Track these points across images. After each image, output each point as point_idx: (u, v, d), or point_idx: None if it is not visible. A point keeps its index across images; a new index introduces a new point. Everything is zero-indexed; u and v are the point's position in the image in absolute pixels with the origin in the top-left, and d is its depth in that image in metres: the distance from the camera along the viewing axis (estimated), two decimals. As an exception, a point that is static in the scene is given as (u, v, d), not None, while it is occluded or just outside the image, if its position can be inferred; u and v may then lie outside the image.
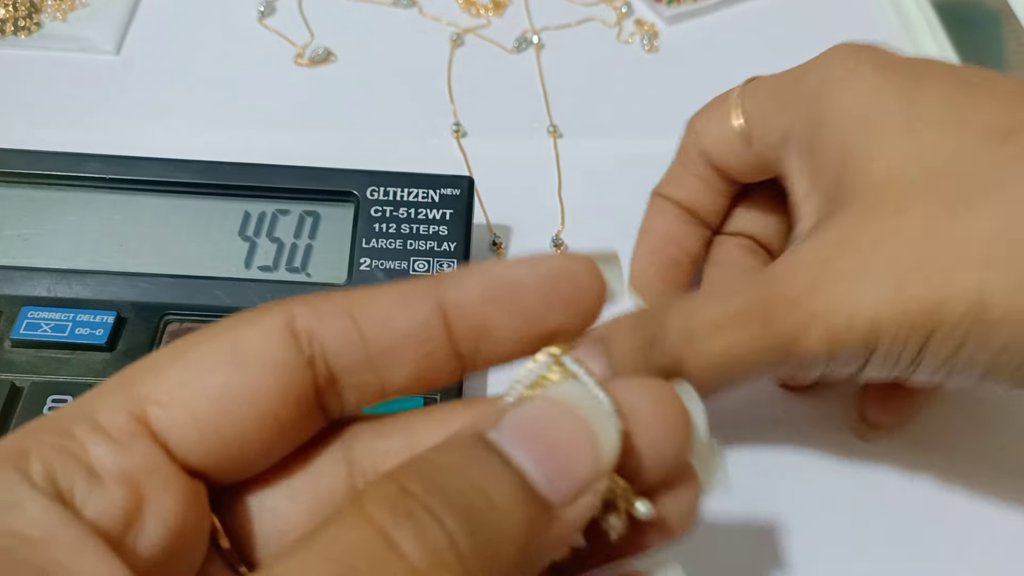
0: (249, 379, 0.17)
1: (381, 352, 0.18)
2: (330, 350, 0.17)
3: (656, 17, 0.45)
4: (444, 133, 0.40)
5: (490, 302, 0.18)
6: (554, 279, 0.18)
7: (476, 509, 0.15)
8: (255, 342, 0.17)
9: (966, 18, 0.46)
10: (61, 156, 0.32)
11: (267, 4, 0.44)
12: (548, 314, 0.18)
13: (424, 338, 0.18)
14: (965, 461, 0.30)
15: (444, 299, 0.18)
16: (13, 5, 0.42)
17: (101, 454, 0.16)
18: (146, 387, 0.16)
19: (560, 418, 0.16)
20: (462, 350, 0.18)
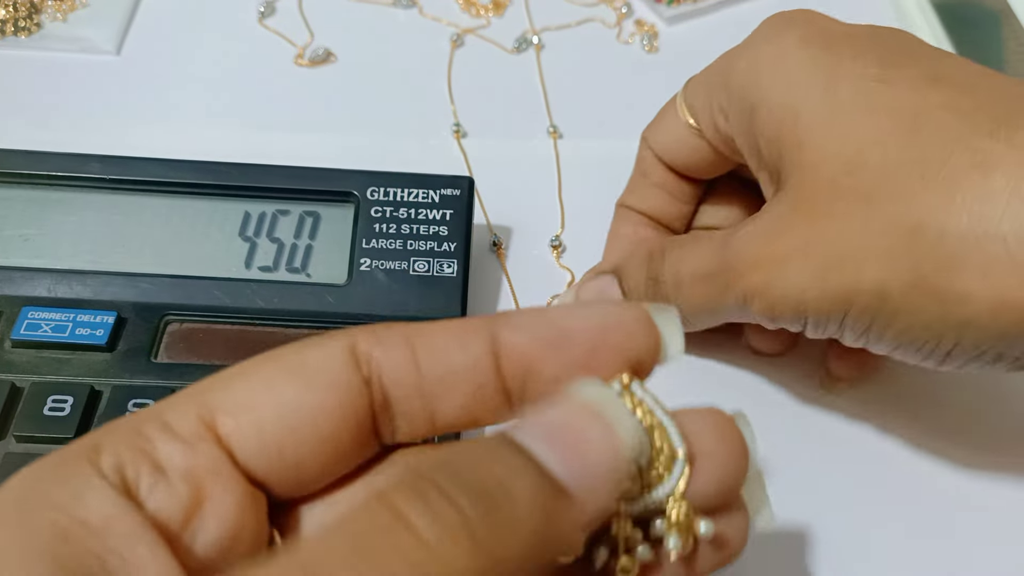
0: (313, 397, 0.18)
1: (435, 381, 0.18)
2: (387, 375, 0.18)
3: (656, 17, 0.45)
4: (444, 133, 0.40)
5: (540, 346, 0.18)
6: (605, 329, 0.18)
7: (491, 492, 0.15)
8: (320, 361, 0.18)
9: (966, 18, 0.46)
10: (61, 156, 0.32)
11: (267, 4, 0.44)
12: (594, 362, 0.18)
13: (476, 372, 0.18)
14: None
15: (497, 338, 0.18)
16: (13, 6, 0.42)
17: (168, 451, 0.17)
18: (215, 397, 0.18)
19: (578, 413, 0.17)
20: (510, 387, 0.19)
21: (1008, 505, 0.30)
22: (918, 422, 0.31)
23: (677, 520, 0.18)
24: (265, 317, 0.30)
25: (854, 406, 0.32)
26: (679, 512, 0.18)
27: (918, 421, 0.31)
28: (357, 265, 0.31)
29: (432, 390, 0.18)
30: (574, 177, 0.38)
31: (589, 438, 0.16)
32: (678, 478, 0.18)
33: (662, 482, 0.18)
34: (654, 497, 0.18)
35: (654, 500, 0.18)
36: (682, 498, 0.18)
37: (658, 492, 0.18)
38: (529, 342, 0.18)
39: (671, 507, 0.18)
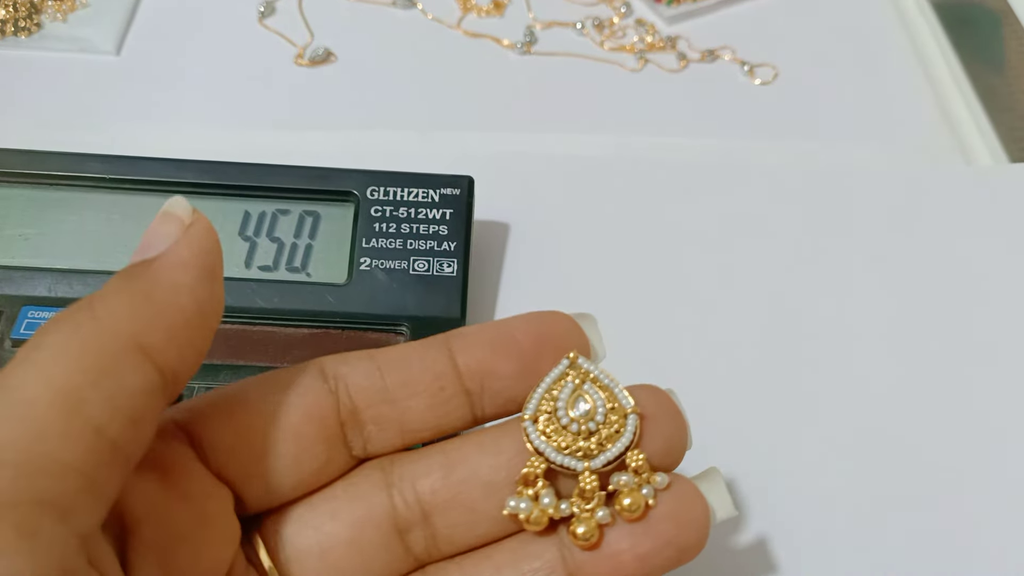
0: (277, 396, 0.20)
1: (398, 385, 0.20)
2: (352, 383, 0.20)
3: (656, 17, 0.45)
4: (444, 133, 0.40)
5: (490, 347, 0.21)
6: (542, 328, 0.21)
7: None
8: (287, 374, 0.20)
9: (966, 18, 0.46)
10: (62, 156, 0.32)
11: (267, 4, 0.44)
12: (540, 357, 0.21)
13: (435, 372, 0.20)
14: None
15: (452, 345, 0.21)
16: (13, 6, 0.42)
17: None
18: (190, 406, 0.20)
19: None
20: (469, 386, 0.21)
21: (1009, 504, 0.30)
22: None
23: (637, 466, 0.20)
24: (265, 316, 0.30)
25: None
26: (637, 460, 0.20)
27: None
28: (357, 264, 0.31)
29: (396, 393, 0.20)
30: (574, 176, 0.38)
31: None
32: (633, 431, 0.20)
33: (620, 438, 0.20)
34: (613, 451, 0.20)
35: (613, 454, 0.20)
36: (638, 447, 0.20)
37: (617, 445, 0.20)
38: (480, 345, 0.21)
39: (630, 457, 0.20)
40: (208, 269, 0.18)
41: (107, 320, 0.16)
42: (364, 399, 0.20)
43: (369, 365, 0.20)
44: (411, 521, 0.20)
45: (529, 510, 0.20)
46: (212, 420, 0.19)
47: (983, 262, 0.36)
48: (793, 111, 0.42)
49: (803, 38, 0.45)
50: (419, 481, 0.20)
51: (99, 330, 0.16)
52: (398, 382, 0.20)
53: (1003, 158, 0.40)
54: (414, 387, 0.20)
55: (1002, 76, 0.44)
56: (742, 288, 0.35)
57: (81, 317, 0.16)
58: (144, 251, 0.18)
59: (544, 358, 0.21)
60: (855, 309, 0.34)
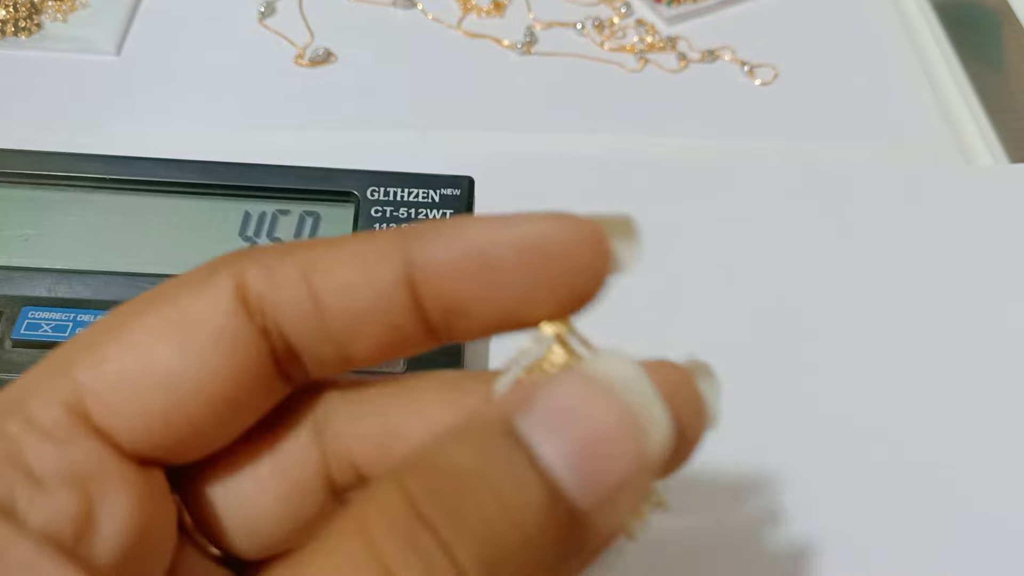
0: (198, 360, 0.15)
1: (342, 325, 0.15)
2: (285, 321, 0.15)
3: (656, 17, 0.45)
4: (444, 133, 0.40)
5: (463, 276, 0.15)
6: (543, 253, 0.15)
7: (498, 537, 0.12)
8: (203, 313, 0.15)
9: (966, 18, 0.46)
10: (62, 156, 0.32)
11: (267, 5, 0.44)
12: (532, 296, 0.15)
13: (388, 311, 0.15)
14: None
15: (412, 266, 0.15)
16: (14, 6, 0.42)
17: (41, 456, 0.14)
18: (83, 372, 0.14)
19: (603, 407, 0.13)
20: (433, 323, 0.15)
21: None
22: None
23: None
24: (265, 317, 0.30)
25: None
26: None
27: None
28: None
29: (339, 332, 0.15)
30: (574, 175, 0.38)
31: (614, 449, 0.13)
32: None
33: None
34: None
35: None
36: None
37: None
38: (449, 274, 0.15)
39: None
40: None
41: None
42: (301, 338, 0.15)
43: (304, 292, 0.15)
44: (348, 485, 0.17)
45: None
46: (115, 400, 0.15)
47: (983, 262, 0.36)
48: (793, 111, 0.42)
49: (803, 38, 0.45)
50: (356, 448, 0.16)
51: None
52: (342, 321, 0.15)
53: (1003, 158, 0.40)
54: (361, 326, 0.15)
55: (1002, 76, 0.44)
56: (742, 288, 0.35)
57: None
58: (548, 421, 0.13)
59: (538, 294, 0.15)
60: (855, 309, 0.34)
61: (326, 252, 0.15)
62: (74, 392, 0.14)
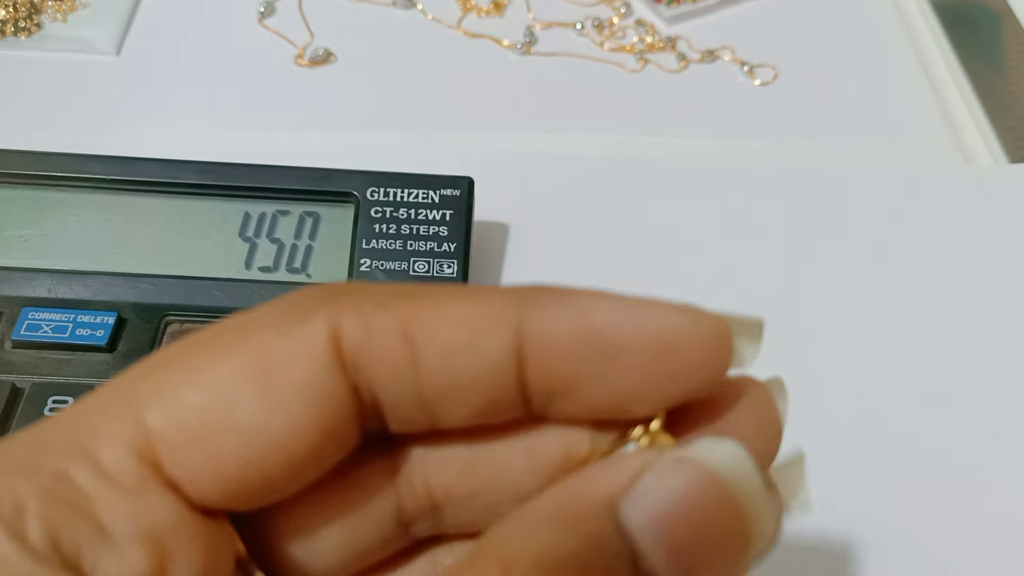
0: (284, 416, 0.13)
1: (437, 393, 0.14)
2: (378, 381, 0.14)
3: (656, 17, 0.45)
4: (444, 133, 0.40)
5: (578, 357, 0.14)
6: (668, 345, 0.13)
7: None
8: (294, 366, 0.13)
9: (966, 18, 0.46)
10: (61, 157, 0.32)
11: (267, 5, 0.44)
12: (645, 388, 0.14)
13: (492, 385, 0.14)
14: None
15: (524, 337, 0.14)
16: (13, 6, 0.42)
17: (111, 509, 0.13)
18: (155, 415, 0.13)
19: (713, 502, 0.12)
20: (531, 399, 0.14)
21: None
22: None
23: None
24: (265, 317, 0.30)
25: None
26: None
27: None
28: (357, 265, 0.31)
29: (433, 399, 0.14)
30: (574, 175, 0.38)
31: (717, 544, 0.12)
32: None
33: None
34: None
35: None
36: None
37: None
38: (565, 352, 0.14)
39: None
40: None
41: None
42: (391, 400, 0.14)
43: (403, 353, 0.13)
44: (418, 515, 0.16)
45: None
46: (191, 453, 0.13)
47: (983, 262, 0.36)
48: (793, 111, 0.42)
49: (803, 38, 0.45)
50: (433, 477, 0.15)
51: None
52: (439, 389, 0.14)
53: (1003, 158, 0.40)
54: (458, 396, 0.14)
55: (1002, 76, 0.44)
56: (742, 288, 0.35)
57: None
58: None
59: (654, 389, 0.14)
60: (855, 309, 0.34)
61: (432, 306, 0.14)
62: (145, 437, 0.13)
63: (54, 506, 0.12)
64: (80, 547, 0.12)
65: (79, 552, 0.12)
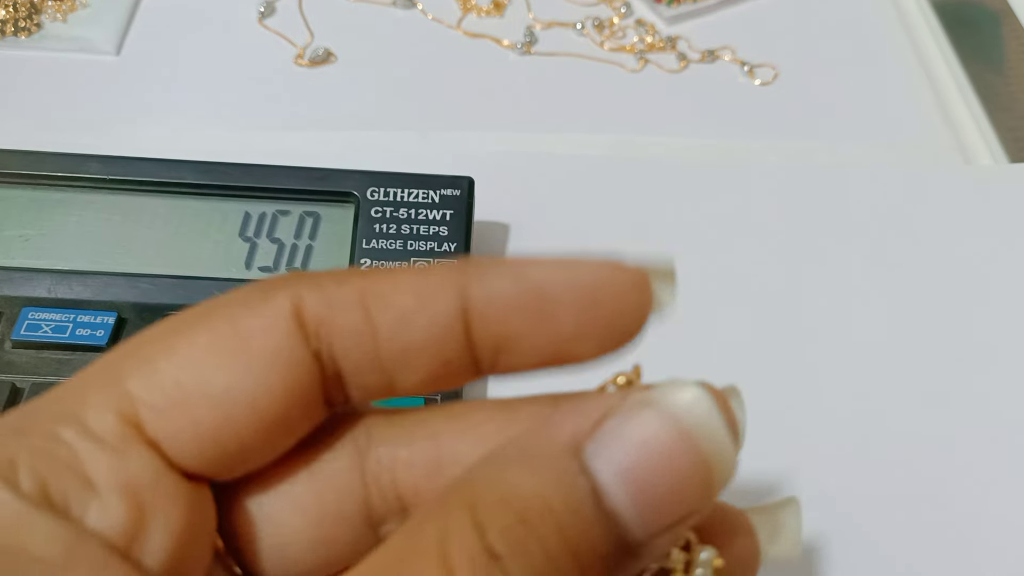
0: (253, 379, 0.15)
1: (394, 354, 0.15)
2: (339, 346, 0.15)
3: (656, 17, 0.45)
4: (444, 133, 0.40)
5: (518, 312, 0.15)
6: (595, 295, 0.15)
7: (559, 570, 0.13)
8: (260, 336, 0.15)
9: (966, 18, 0.46)
10: (62, 157, 0.32)
11: (267, 5, 0.44)
12: (581, 334, 0.15)
13: (442, 344, 0.16)
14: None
15: (468, 299, 0.15)
16: (13, 6, 0.42)
17: (96, 463, 0.14)
18: (137, 384, 0.15)
19: (675, 447, 0.14)
20: (479, 356, 0.16)
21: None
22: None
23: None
24: (265, 317, 0.30)
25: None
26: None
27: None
28: (358, 265, 0.31)
29: (391, 362, 0.16)
30: (574, 175, 0.38)
31: (682, 490, 0.13)
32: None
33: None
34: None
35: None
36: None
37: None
38: (506, 309, 0.15)
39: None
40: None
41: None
42: (351, 364, 0.16)
43: (360, 319, 0.15)
44: (387, 514, 0.17)
45: None
46: (170, 414, 0.15)
47: (983, 262, 0.36)
48: (793, 111, 0.42)
49: (803, 38, 0.45)
50: (401, 472, 0.16)
51: None
52: (395, 350, 0.15)
53: (1003, 158, 0.40)
54: (413, 356, 0.15)
55: (1002, 76, 0.44)
56: (742, 288, 0.35)
57: None
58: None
59: (586, 336, 0.15)
60: (855, 309, 0.34)
61: (384, 280, 0.15)
62: (128, 403, 0.14)
63: (44, 460, 0.14)
64: (68, 496, 0.13)
65: (67, 501, 0.13)
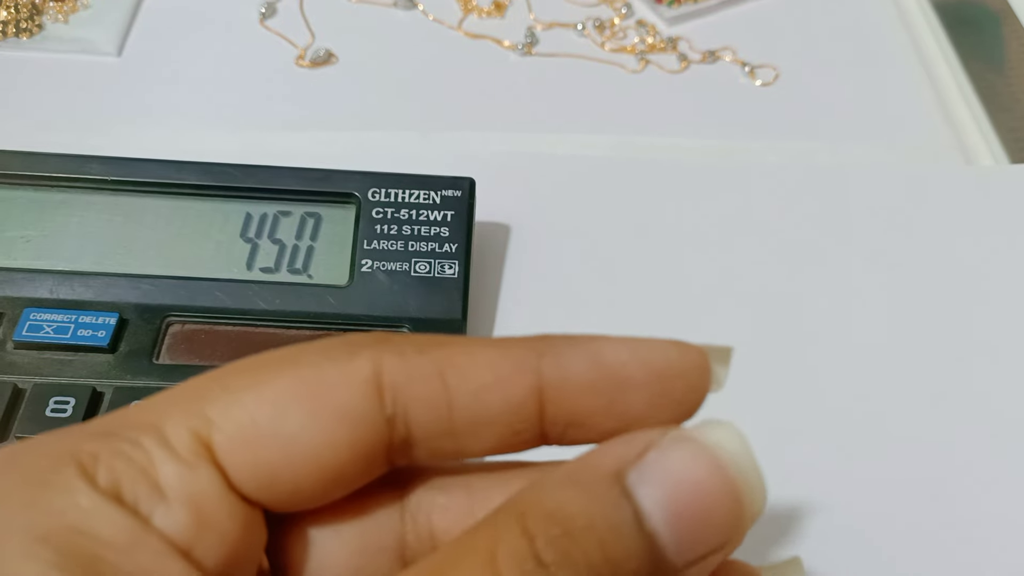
0: (324, 432, 0.16)
1: (466, 425, 0.16)
2: (413, 415, 0.16)
3: (657, 18, 0.45)
4: (445, 134, 0.40)
5: (591, 392, 0.16)
6: (664, 377, 0.16)
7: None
8: (340, 388, 0.16)
9: (966, 18, 0.46)
10: (63, 158, 0.32)
11: (268, 5, 0.44)
12: (649, 414, 0.16)
13: (514, 419, 0.16)
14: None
15: (543, 378, 0.16)
16: (15, 7, 0.42)
17: (168, 472, 0.15)
18: (216, 410, 0.16)
19: (711, 479, 0.15)
20: (548, 431, 0.17)
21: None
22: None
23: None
24: (266, 318, 0.30)
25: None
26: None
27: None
28: (358, 266, 0.31)
29: (462, 433, 0.16)
30: (574, 176, 0.38)
31: (716, 520, 0.14)
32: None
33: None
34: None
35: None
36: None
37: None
38: (580, 390, 0.16)
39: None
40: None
41: None
42: (423, 432, 0.16)
43: (437, 391, 0.16)
44: (419, 554, 0.18)
45: None
46: (240, 448, 0.16)
47: (983, 262, 0.36)
48: (793, 111, 0.42)
49: (803, 38, 0.45)
50: (436, 514, 0.18)
51: None
52: (467, 421, 0.16)
53: (1003, 158, 0.40)
54: (484, 428, 0.16)
55: (1002, 76, 0.44)
56: (743, 288, 0.35)
57: None
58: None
59: (654, 413, 0.17)
60: (855, 309, 0.34)
61: (463, 352, 0.16)
62: (205, 425, 0.16)
63: (122, 462, 0.15)
64: (138, 496, 0.15)
65: (137, 499, 0.15)
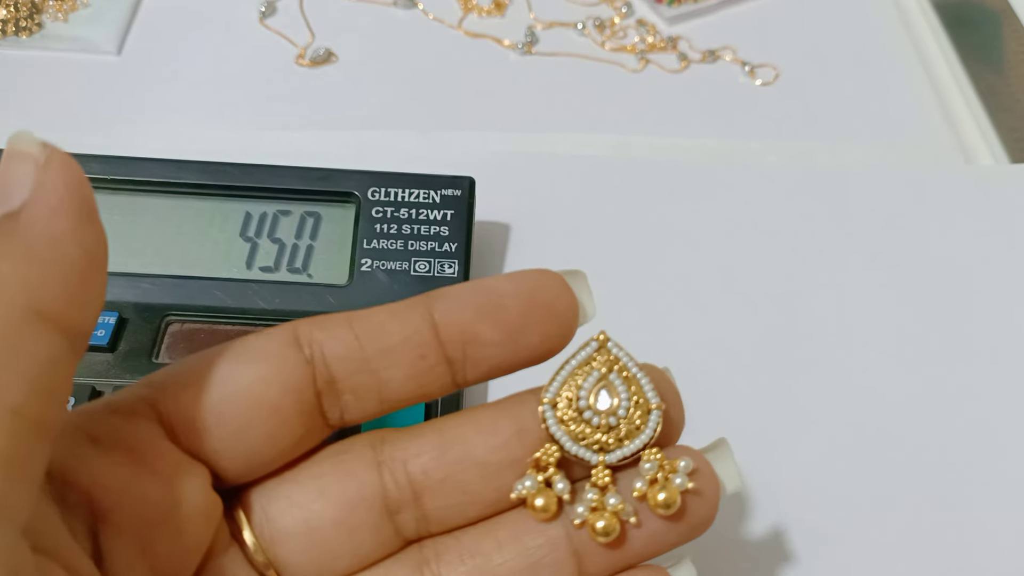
0: (253, 368, 0.19)
1: (377, 354, 0.19)
2: (329, 353, 0.19)
3: (657, 17, 0.45)
4: (445, 133, 0.40)
5: (474, 311, 0.20)
6: (531, 291, 0.20)
7: None
8: (261, 343, 0.19)
9: (966, 18, 0.46)
10: (62, 157, 0.32)
11: (268, 4, 0.44)
12: (528, 324, 0.20)
13: (416, 342, 0.19)
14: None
15: (434, 310, 0.20)
16: (14, 5, 0.42)
17: (108, 423, 0.18)
18: (158, 378, 0.19)
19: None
20: (451, 354, 0.20)
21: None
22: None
23: (660, 463, 0.20)
24: (266, 318, 0.30)
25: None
26: (654, 457, 0.20)
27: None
28: (358, 265, 0.31)
29: (375, 363, 0.19)
30: (574, 175, 0.38)
31: None
32: (654, 429, 0.20)
33: (639, 434, 0.20)
34: (631, 448, 0.20)
35: (631, 451, 0.20)
36: (656, 444, 0.20)
37: (635, 442, 0.20)
38: (464, 310, 0.20)
39: (647, 455, 0.20)
40: (84, 207, 0.16)
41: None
42: (342, 369, 0.19)
43: (347, 332, 0.19)
44: (401, 502, 0.20)
45: (540, 495, 0.19)
46: (181, 396, 0.18)
47: (983, 262, 0.36)
48: (794, 111, 0.42)
49: (804, 38, 0.45)
50: (411, 461, 0.20)
51: None
52: (377, 351, 0.19)
53: (1003, 158, 0.40)
54: (394, 356, 0.19)
55: (1002, 76, 0.44)
56: (743, 288, 0.35)
57: None
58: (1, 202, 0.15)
59: (531, 325, 0.20)
60: (855, 309, 0.34)
61: (365, 310, 0.20)
62: (152, 391, 0.19)
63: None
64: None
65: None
